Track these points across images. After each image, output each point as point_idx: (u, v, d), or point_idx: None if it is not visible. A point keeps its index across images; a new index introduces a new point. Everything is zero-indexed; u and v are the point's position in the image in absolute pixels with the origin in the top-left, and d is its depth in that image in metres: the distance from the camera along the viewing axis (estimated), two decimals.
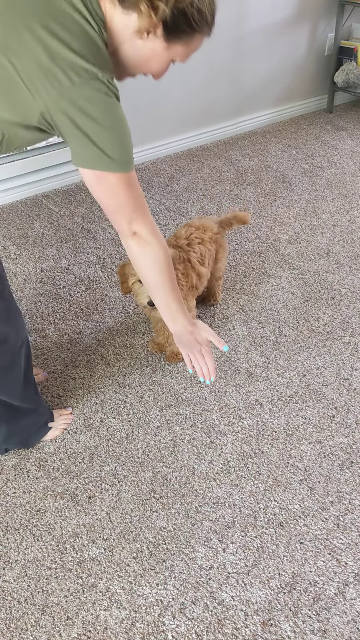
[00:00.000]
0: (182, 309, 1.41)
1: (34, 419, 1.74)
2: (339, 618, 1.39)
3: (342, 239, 2.74)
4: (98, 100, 1.09)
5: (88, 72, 1.07)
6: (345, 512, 1.61)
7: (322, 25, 3.78)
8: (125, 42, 1.17)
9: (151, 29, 1.14)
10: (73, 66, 1.06)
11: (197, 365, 1.49)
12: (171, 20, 1.13)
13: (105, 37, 1.13)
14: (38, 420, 1.76)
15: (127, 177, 1.18)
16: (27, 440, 1.76)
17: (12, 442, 1.75)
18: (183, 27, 1.15)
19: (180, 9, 1.12)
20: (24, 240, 2.73)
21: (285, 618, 1.39)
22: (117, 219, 1.24)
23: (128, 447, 1.79)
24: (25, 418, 1.70)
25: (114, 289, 2.42)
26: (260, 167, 3.36)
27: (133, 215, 1.22)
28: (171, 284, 1.36)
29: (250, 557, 1.51)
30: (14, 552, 1.53)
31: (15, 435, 1.73)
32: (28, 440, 1.76)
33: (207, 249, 2.00)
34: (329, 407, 1.91)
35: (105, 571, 1.49)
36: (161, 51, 1.20)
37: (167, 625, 1.38)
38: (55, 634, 1.37)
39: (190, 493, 1.66)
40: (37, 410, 1.74)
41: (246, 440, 1.81)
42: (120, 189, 1.18)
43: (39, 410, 1.75)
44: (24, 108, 1.10)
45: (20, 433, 1.73)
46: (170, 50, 1.20)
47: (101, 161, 1.13)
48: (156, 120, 3.34)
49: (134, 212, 1.22)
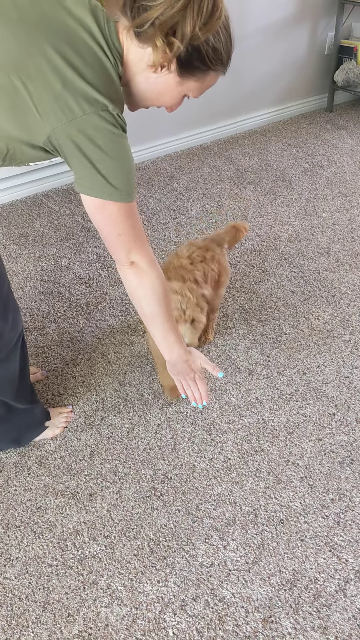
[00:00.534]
0: (179, 338, 1.41)
1: (27, 418, 1.74)
2: (339, 615, 1.40)
3: (342, 237, 2.74)
4: (106, 131, 1.10)
5: (99, 103, 1.08)
6: (345, 510, 1.61)
7: (322, 24, 3.78)
8: (139, 74, 1.18)
9: (165, 64, 1.14)
10: (85, 96, 1.07)
11: (189, 392, 1.50)
12: (185, 57, 1.14)
13: (120, 71, 1.15)
14: (31, 420, 1.76)
15: (128, 207, 1.18)
16: (19, 439, 1.76)
17: (3, 442, 1.75)
18: (197, 63, 1.16)
19: (195, 46, 1.12)
20: (25, 239, 2.73)
21: (286, 615, 1.40)
22: (116, 248, 1.23)
23: (129, 444, 1.80)
24: (18, 417, 1.70)
25: (114, 287, 2.43)
26: (261, 165, 3.36)
27: (132, 245, 1.22)
28: (168, 314, 1.35)
29: (251, 555, 1.51)
30: (15, 550, 1.53)
31: (7, 435, 1.73)
32: (20, 439, 1.76)
33: (210, 269, 1.89)
34: (329, 405, 1.91)
35: (106, 568, 1.49)
36: (174, 86, 1.20)
37: (168, 622, 1.38)
38: (56, 630, 1.37)
39: (190, 490, 1.66)
40: (31, 410, 1.73)
41: (247, 438, 1.81)
42: (121, 218, 1.18)
43: (33, 410, 1.74)
44: (32, 129, 1.11)
45: (11, 432, 1.73)
46: (183, 86, 1.21)
47: (104, 190, 1.13)
48: (156, 119, 3.34)
49: (133, 242, 1.22)
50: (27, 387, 1.67)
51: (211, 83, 1.24)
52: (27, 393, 1.68)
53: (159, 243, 2.70)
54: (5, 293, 1.45)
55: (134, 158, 3.35)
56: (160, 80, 1.19)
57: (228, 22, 1.19)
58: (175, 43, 1.10)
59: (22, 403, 1.67)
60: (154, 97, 1.24)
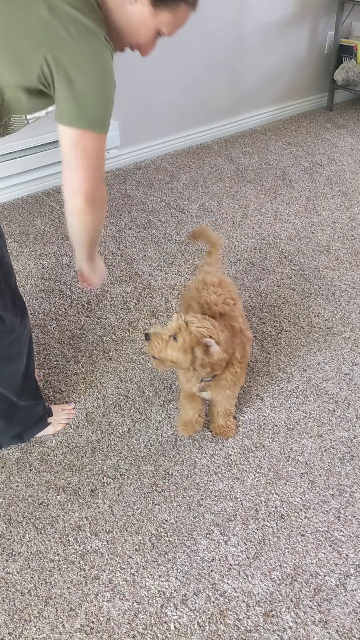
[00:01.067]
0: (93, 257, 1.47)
1: (30, 414, 1.75)
2: (340, 609, 1.40)
3: (342, 235, 2.75)
4: (94, 56, 1.12)
5: (85, 26, 1.10)
6: (346, 505, 1.62)
7: (322, 23, 3.79)
8: (114, 9, 1.20)
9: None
10: (72, 20, 1.09)
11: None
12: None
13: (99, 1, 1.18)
14: (34, 416, 1.77)
15: (102, 139, 1.20)
16: (22, 435, 1.77)
17: (5, 438, 1.75)
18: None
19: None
20: (26, 237, 2.74)
21: (286, 609, 1.41)
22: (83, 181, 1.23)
23: (130, 441, 1.80)
24: (21, 413, 1.71)
25: (115, 285, 2.43)
26: (261, 164, 3.37)
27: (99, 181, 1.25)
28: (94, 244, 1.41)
29: (252, 549, 1.52)
30: (17, 545, 1.54)
31: (9, 431, 1.74)
32: (22, 435, 1.77)
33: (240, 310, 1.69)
34: (329, 401, 1.92)
35: (108, 563, 1.50)
36: (148, 17, 1.22)
37: (170, 616, 1.39)
38: (58, 625, 1.38)
39: (192, 486, 1.67)
40: (34, 406, 1.74)
41: (247, 434, 1.82)
42: (94, 150, 1.20)
43: (36, 406, 1.75)
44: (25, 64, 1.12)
45: (14, 428, 1.74)
46: (157, 18, 1.23)
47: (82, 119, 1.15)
48: (157, 118, 3.35)
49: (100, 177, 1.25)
50: (31, 383, 1.68)
51: (183, 18, 1.27)
52: (31, 389, 1.69)
53: (159, 242, 2.71)
54: (14, 287, 1.46)
55: (135, 156, 3.36)
56: (135, 11, 1.21)
57: None
58: None
59: (26, 399, 1.68)
60: (130, 32, 1.25)
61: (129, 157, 3.35)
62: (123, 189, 3.12)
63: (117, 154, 3.27)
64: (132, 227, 2.81)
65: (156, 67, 3.16)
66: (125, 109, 3.16)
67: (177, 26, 1.27)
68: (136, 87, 3.15)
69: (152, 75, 3.18)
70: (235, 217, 2.89)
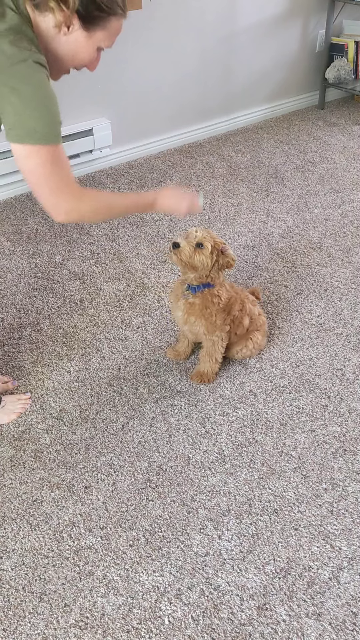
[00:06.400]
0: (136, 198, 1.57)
1: None
2: (333, 602, 1.41)
3: (334, 232, 2.76)
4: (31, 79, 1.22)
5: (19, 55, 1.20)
6: (338, 499, 1.63)
7: (313, 22, 3.80)
8: (51, 40, 1.30)
9: (68, 22, 1.27)
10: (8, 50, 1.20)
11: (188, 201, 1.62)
12: (83, 10, 1.26)
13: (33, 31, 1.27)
14: None
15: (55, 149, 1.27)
16: None
17: None
18: (96, 13, 1.27)
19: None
20: (18, 236, 2.73)
21: (280, 602, 1.41)
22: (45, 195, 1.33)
23: (124, 437, 1.81)
24: None
25: (108, 283, 2.44)
26: (253, 162, 3.38)
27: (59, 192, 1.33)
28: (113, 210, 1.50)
29: (246, 544, 1.53)
30: (11, 542, 1.54)
31: None
32: None
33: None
34: (322, 396, 1.93)
35: (102, 559, 1.50)
36: (85, 40, 1.31)
37: (164, 610, 1.40)
38: (53, 620, 1.38)
39: (185, 482, 1.68)
40: None
41: (241, 429, 1.83)
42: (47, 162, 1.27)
43: None
44: None
45: None
46: (93, 38, 1.32)
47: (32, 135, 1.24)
48: (149, 117, 3.36)
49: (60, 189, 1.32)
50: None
51: (117, 28, 1.35)
52: None
53: (152, 240, 2.71)
54: None
55: (127, 155, 3.37)
56: (71, 40, 1.30)
57: None
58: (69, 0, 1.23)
59: None
60: (71, 57, 1.34)
61: (121, 156, 3.35)
62: (116, 188, 3.12)
63: (109, 153, 3.27)
64: (125, 225, 2.82)
65: (148, 66, 3.17)
66: (117, 108, 3.16)
67: (114, 37, 1.36)
68: (128, 86, 3.16)
69: (144, 74, 3.18)
70: (228, 214, 2.89)
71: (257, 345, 2.02)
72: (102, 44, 1.35)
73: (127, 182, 3.17)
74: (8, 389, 1.96)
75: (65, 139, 3.01)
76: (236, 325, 1.92)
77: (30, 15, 1.27)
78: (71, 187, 1.35)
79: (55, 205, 1.34)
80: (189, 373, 2.02)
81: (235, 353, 2.01)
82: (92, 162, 3.26)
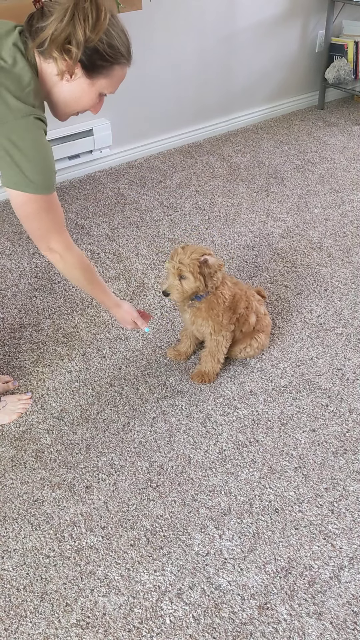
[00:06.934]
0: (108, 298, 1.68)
1: None
2: (334, 601, 1.42)
3: (334, 232, 2.76)
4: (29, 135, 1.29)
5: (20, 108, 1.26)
6: (339, 498, 1.63)
7: (313, 22, 3.81)
8: (54, 86, 1.34)
9: (71, 71, 1.30)
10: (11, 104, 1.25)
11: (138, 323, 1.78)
12: (87, 59, 1.29)
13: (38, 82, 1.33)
14: None
15: (47, 199, 1.37)
16: None
17: None
18: (99, 62, 1.31)
19: (92, 48, 1.28)
20: (19, 236, 2.74)
21: (281, 601, 1.42)
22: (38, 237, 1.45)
23: (124, 437, 1.81)
24: None
25: (109, 283, 2.44)
26: (253, 163, 3.38)
27: (49, 235, 1.43)
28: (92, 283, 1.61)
29: (246, 543, 1.53)
30: (13, 541, 1.55)
31: None
32: None
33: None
34: (322, 396, 1.94)
35: (103, 558, 1.51)
36: (87, 88, 1.35)
37: (165, 610, 1.40)
38: (54, 620, 1.39)
39: (186, 482, 1.68)
40: None
41: (241, 429, 1.83)
42: (41, 209, 1.38)
43: None
44: None
45: None
46: (95, 86, 1.35)
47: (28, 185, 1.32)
48: (149, 117, 3.36)
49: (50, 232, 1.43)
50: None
51: (121, 76, 1.39)
52: None
53: (152, 240, 2.72)
54: None
55: (128, 155, 3.37)
56: (74, 87, 1.34)
57: (117, 19, 1.32)
58: (72, 50, 1.26)
59: None
60: (74, 102, 1.39)
61: (121, 156, 3.35)
62: (116, 188, 3.12)
63: (109, 154, 3.28)
64: (125, 225, 2.82)
65: (148, 66, 3.17)
66: (118, 108, 3.16)
67: (117, 84, 1.40)
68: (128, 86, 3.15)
69: (144, 75, 3.18)
70: (228, 215, 2.90)
71: (260, 346, 2.03)
72: (105, 91, 1.39)
73: (127, 182, 3.18)
74: (9, 389, 1.96)
75: (65, 139, 3.02)
76: (242, 323, 1.93)
77: (37, 60, 1.31)
78: (61, 233, 1.46)
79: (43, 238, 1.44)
80: (189, 373, 2.03)
81: (238, 352, 2.02)
82: (92, 163, 3.26)
